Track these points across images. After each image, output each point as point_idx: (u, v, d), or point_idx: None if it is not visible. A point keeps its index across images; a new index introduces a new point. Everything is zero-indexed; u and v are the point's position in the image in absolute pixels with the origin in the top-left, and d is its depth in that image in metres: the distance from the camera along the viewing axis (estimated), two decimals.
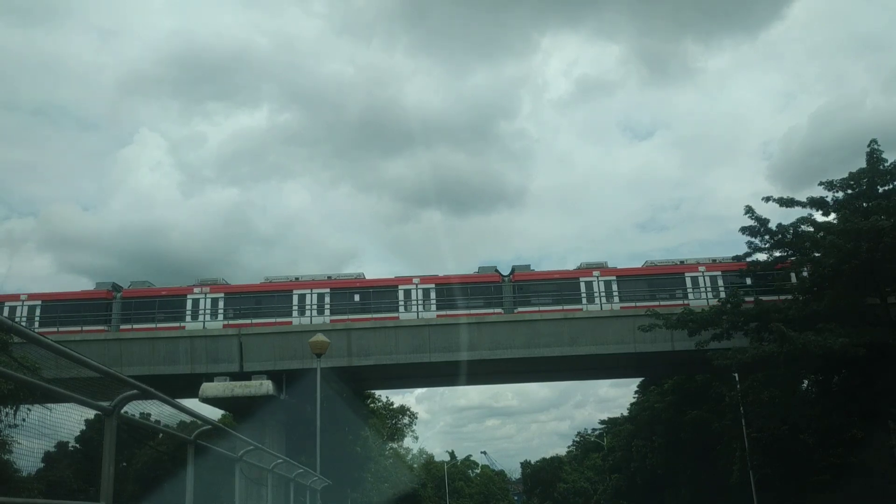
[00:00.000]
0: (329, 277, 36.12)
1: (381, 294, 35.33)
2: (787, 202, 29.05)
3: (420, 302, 34.80)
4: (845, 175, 28.77)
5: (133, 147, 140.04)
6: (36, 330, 33.39)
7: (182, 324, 34.21)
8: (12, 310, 34.36)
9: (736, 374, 36.55)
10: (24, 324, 33.46)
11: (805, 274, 29.63)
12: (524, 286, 35.58)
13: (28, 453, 7.26)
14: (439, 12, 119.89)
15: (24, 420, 11.11)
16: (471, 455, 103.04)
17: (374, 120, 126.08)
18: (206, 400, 32.01)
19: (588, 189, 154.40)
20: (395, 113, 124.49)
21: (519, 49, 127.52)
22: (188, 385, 31.36)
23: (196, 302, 34.88)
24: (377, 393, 55.88)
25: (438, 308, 34.49)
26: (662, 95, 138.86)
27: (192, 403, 29.37)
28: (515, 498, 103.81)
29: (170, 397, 6.95)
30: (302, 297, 34.85)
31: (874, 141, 28.10)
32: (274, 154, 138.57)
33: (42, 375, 5.11)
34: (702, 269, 35.47)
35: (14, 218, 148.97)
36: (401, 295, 35.02)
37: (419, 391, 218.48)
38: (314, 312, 34.40)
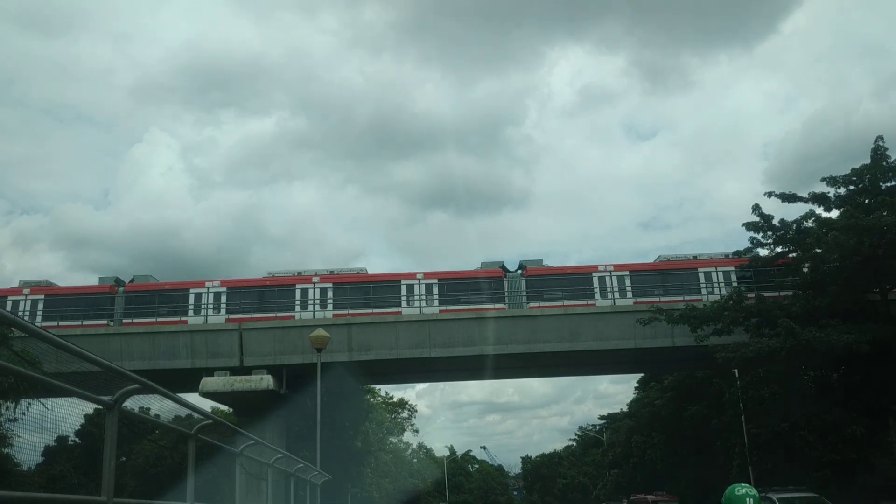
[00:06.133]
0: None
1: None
2: (789, 198, 29.02)
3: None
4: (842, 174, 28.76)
5: (145, 148, 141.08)
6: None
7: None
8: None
9: (736, 371, 36.55)
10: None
11: (806, 270, 29.60)
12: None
13: (29, 447, 7.22)
14: (448, 26, 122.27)
15: (23, 414, 11.09)
16: (470, 450, 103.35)
17: (383, 126, 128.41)
18: (207, 394, 32.01)
19: (592, 190, 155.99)
20: (404, 119, 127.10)
21: (525, 60, 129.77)
22: (188, 379, 31.35)
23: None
24: (377, 387, 55.97)
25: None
26: (664, 102, 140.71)
27: (192, 398, 29.56)
28: (515, 493, 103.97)
29: (170, 392, 6.92)
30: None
31: (880, 138, 28.06)
32: (284, 158, 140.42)
33: (42, 369, 5.07)
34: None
35: (18, 213, 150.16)
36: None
37: (420, 386, 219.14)
38: None
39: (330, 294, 34.75)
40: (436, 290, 34.80)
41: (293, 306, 34.40)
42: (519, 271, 36.01)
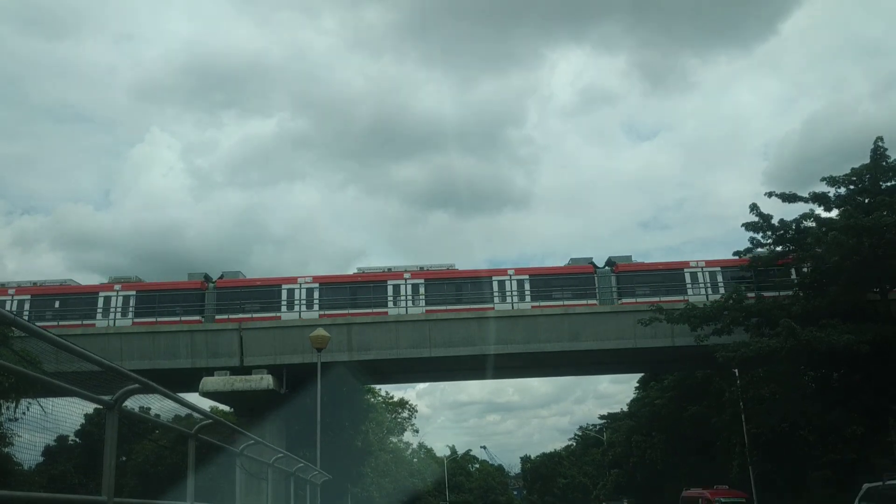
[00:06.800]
0: None
1: None
2: (789, 197, 29.03)
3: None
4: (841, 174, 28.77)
5: (146, 149, 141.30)
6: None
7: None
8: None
9: (736, 370, 36.55)
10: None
11: (806, 270, 29.60)
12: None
13: (29, 447, 7.23)
14: (449, 27, 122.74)
15: (24, 414, 11.10)
16: (470, 450, 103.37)
17: (384, 126, 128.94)
18: (207, 394, 32.04)
19: (592, 190, 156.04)
20: (405, 120, 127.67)
21: (526, 61, 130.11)
22: (189, 379, 31.36)
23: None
24: (377, 387, 55.99)
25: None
26: (664, 103, 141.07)
27: (192, 398, 29.57)
28: (515, 493, 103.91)
29: (170, 391, 6.93)
30: None
31: (880, 138, 28.08)
32: (285, 158, 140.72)
33: (43, 369, 5.08)
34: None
35: (18, 213, 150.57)
36: None
37: (420, 386, 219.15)
38: None
39: (421, 290, 34.83)
40: (527, 287, 34.83)
41: (385, 302, 34.45)
42: (608, 267, 36.00)
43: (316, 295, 34.47)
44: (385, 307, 34.12)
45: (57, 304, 34.56)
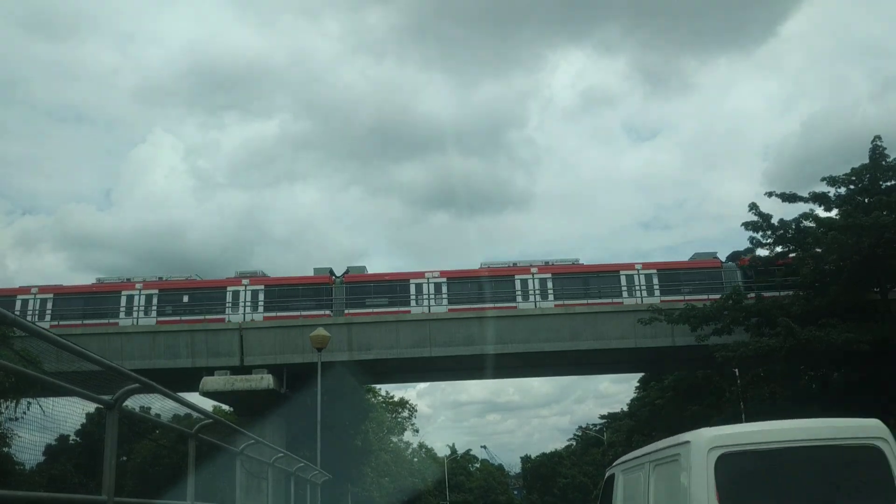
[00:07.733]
0: None
1: None
2: (789, 197, 29.04)
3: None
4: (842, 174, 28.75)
5: (148, 149, 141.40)
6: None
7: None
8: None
9: (736, 370, 36.53)
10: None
11: (805, 270, 29.59)
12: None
13: (30, 447, 7.25)
14: (450, 30, 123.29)
15: (24, 414, 11.11)
16: (471, 449, 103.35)
17: (386, 128, 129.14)
18: (207, 394, 32.07)
19: (593, 190, 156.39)
20: (407, 122, 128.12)
21: (527, 63, 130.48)
22: (189, 379, 31.38)
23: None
24: (377, 387, 56.00)
25: None
26: (664, 104, 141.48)
27: (192, 397, 29.56)
28: (515, 493, 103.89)
29: (171, 391, 6.94)
30: None
31: (878, 137, 28.05)
32: (286, 160, 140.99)
33: (43, 369, 5.09)
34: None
35: (19, 213, 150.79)
36: None
37: (421, 386, 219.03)
38: None
39: (550, 285, 34.90)
40: (655, 281, 34.77)
41: (514, 297, 34.60)
42: (731, 262, 35.70)
43: (444, 289, 34.78)
44: (513, 302, 34.34)
45: (185, 299, 35.08)
